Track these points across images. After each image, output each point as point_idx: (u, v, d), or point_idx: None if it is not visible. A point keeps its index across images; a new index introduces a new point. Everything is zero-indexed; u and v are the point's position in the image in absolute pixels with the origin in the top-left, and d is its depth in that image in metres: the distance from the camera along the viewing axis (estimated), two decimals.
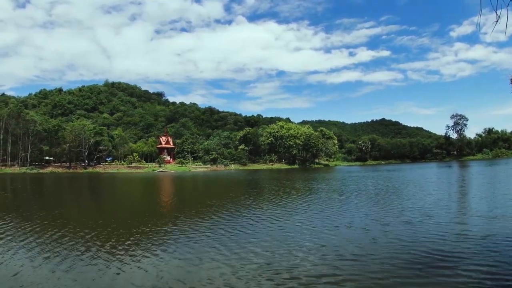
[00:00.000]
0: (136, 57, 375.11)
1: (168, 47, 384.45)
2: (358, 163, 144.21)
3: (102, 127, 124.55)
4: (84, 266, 10.23)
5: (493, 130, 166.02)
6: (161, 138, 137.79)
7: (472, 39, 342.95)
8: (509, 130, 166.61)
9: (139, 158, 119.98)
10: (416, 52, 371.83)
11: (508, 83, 7.58)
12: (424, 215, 17.14)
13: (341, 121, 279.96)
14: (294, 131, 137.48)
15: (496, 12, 3.84)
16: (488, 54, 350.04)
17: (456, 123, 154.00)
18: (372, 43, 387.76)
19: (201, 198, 30.66)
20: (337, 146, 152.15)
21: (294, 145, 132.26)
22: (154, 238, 13.82)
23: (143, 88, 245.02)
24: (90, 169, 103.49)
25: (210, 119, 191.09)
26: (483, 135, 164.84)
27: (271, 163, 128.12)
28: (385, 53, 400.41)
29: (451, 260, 9.81)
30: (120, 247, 12.37)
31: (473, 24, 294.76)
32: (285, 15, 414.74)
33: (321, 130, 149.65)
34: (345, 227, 15.12)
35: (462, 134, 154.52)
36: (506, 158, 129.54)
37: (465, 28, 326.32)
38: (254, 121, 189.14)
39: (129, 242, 13.15)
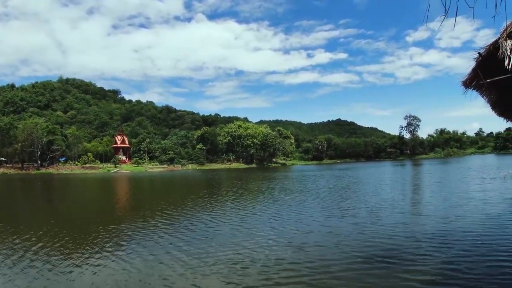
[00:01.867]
0: (92, 53, 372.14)
1: (125, 43, 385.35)
2: (314, 162, 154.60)
3: (55, 126, 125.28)
4: (19, 272, 10.27)
5: (445, 130, 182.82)
6: (116, 137, 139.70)
7: (427, 44, 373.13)
8: (460, 131, 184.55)
9: (93, 158, 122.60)
10: (372, 56, 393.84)
11: (459, 85, 8.01)
12: (374, 216, 17.49)
13: (298, 121, 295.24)
14: (252, 130, 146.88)
15: (444, 6, 3.99)
16: (442, 59, 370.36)
17: (409, 124, 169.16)
18: (330, 46, 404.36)
19: (152, 200, 32.19)
20: (294, 146, 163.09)
21: (252, 145, 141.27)
22: (104, 241, 13.93)
23: (98, 85, 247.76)
24: (43, 170, 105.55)
25: (167, 118, 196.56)
26: (435, 135, 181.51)
27: (229, 163, 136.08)
28: (342, 55, 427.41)
29: (402, 261, 10.09)
30: (63, 251, 12.34)
31: (428, 30, 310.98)
32: (245, 15, 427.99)
33: (279, 130, 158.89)
34: (290, 229, 15.13)
35: (415, 134, 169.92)
36: (457, 157, 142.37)
37: (421, 34, 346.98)
38: (212, 121, 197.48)
39: (73, 246, 13.18)
